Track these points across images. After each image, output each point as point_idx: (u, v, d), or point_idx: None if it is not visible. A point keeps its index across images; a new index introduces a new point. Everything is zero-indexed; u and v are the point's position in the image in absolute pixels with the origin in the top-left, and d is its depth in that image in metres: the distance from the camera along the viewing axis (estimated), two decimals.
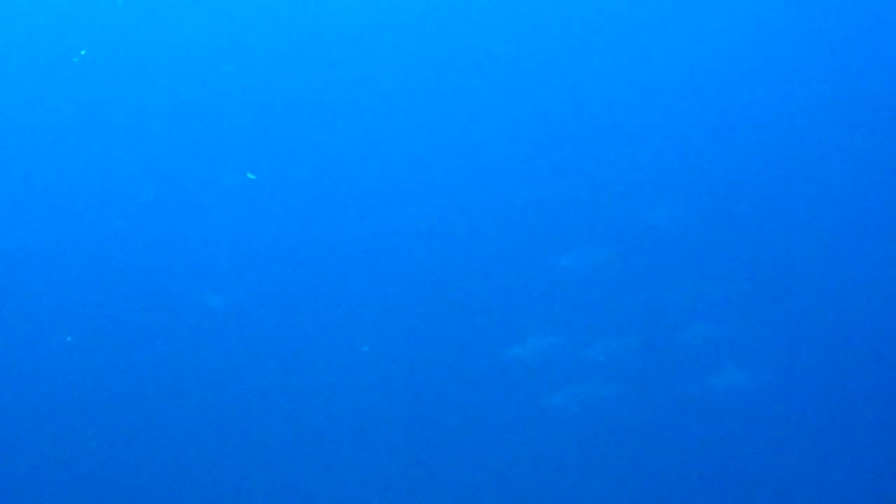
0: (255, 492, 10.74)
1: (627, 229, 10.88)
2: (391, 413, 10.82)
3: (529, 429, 10.56)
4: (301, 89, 11.39)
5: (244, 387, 10.86)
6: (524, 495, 10.59)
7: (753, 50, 11.37)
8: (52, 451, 10.66)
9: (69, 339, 10.85)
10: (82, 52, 11.24)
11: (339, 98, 11.41)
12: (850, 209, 11.03)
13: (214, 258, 11.10)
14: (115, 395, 10.74)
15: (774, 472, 10.52)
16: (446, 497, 10.64)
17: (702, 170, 11.21)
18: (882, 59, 11.38)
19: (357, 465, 10.76)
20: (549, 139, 11.18)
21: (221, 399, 10.82)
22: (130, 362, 10.81)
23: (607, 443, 10.50)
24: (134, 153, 11.25)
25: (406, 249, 11.11)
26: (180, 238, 11.12)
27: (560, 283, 10.62)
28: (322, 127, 11.43)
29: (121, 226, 11.13)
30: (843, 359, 10.65)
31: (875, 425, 10.53)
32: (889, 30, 11.41)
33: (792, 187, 11.16)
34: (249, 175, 11.26)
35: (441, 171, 11.30)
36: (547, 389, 10.41)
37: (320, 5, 11.47)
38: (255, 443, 10.79)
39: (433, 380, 10.81)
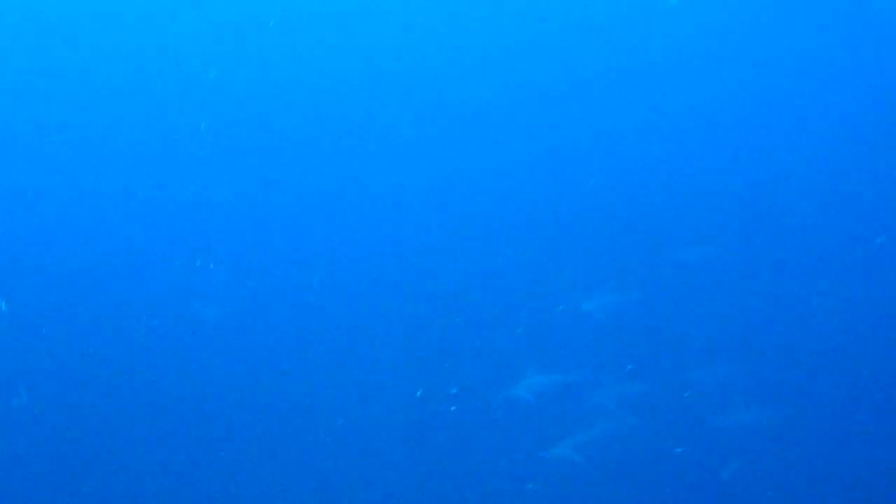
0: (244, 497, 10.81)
1: (651, 269, 11.05)
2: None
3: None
4: (303, 104, 11.47)
5: (238, 397, 10.89)
6: None
7: (782, 93, 11.56)
8: (50, 456, 10.70)
9: (63, 348, 10.83)
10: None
11: (350, 121, 11.49)
12: (866, 255, 11.18)
13: (209, 270, 11.14)
14: (111, 404, 10.76)
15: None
16: None
17: (729, 210, 11.39)
18: None
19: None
20: (579, 181, 11.37)
21: (215, 408, 10.85)
22: (126, 372, 10.83)
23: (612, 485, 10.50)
24: (130, 165, 11.27)
25: (420, 278, 11.18)
26: (175, 250, 11.18)
27: (578, 325, 10.72)
28: (327, 148, 11.51)
29: (117, 237, 11.17)
30: (850, 397, 10.84)
31: (881, 462, 10.66)
32: None
33: (814, 228, 11.30)
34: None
35: (463, 204, 11.42)
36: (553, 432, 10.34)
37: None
38: (246, 451, 10.80)
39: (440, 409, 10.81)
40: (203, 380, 10.87)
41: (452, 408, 10.57)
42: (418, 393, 10.64)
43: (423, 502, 10.53)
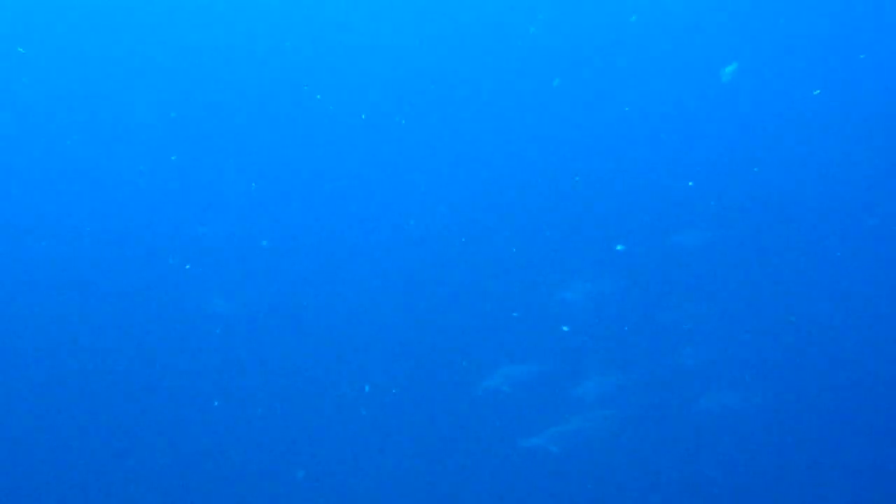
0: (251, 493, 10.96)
1: (630, 257, 11.15)
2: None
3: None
4: (317, 101, 11.59)
5: (248, 390, 11.04)
6: None
7: (775, 79, 11.57)
8: (61, 455, 10.82)
9: (79, 343, 10.96)
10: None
11: (360, 117, 11.60)
12: (855, 240, 11.27)
13: (222, 264, 11.30)
14: (124, 399, 10.89)
15: (768, 491, 10.70)
16: None
17: (708, 197, 11.47)
18: None
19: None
20: (556, 171, 11.45)
21: (227, 402, 10.99)
22: (138, 367, 10.98)
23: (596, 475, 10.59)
24: (143, 160, 11.44)
25: (411, 265, 11.32)
26: (188, 244, 11.32)
27: (557, 315, 10.81)
28: (331, 141, 11.62)
29: (129, 232, 11.33)
30: (832, 378, 10.94)
31: (863, 442, 10.79)
32: None
33: (804, 215, 11.43)
34: None
35: (444, 188, 11.50)
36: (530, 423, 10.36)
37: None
38: (256, 444, 10.99)
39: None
40: (215, 372, 11.07)
41: (430, 398, 10.72)
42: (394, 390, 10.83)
43: (401, 492, 10.67)
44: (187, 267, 11.26)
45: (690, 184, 11.47)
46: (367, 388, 10.88)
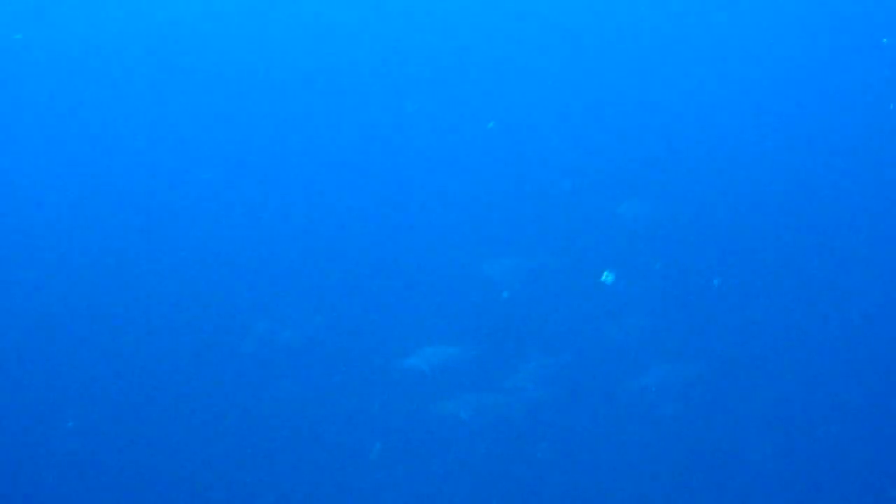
0: None
1: (560, 231, 10.86)
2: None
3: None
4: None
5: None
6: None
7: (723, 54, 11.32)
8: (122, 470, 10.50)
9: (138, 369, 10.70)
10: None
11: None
12: (795, 214, 11.12)
13: (283, 291, 11.03)
14: (186, 428, 10.55)
15: (709, 464, 10.45)
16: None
17: (664, 168, 11.25)
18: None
19: None
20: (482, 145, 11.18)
21: (289, 431, 10.58)
22: (200, 396, 10.65)
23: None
24: (202, 184, 11.38)
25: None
26: (249, 271, 11.11)
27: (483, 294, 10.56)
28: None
29: (190, 259, 11.11)
30: (767, 350, 10.75)
31: (804, 420, 10.60)
32: None
33: (749, 186, 11.22)
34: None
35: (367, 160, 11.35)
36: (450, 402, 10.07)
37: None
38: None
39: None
40: (278, 401, 10.73)
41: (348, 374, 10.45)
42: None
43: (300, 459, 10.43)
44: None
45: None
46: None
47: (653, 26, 11.53)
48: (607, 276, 9.98)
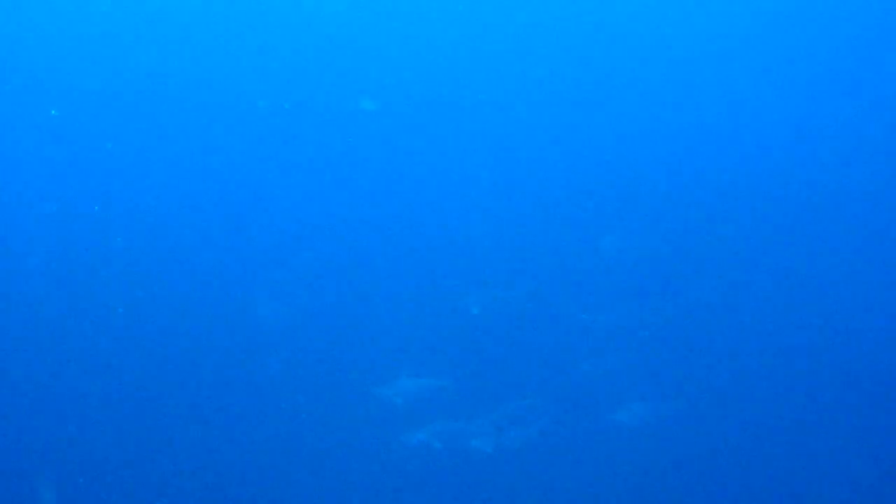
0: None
1: (538, 266, 10.90)
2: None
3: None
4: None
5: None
6: None
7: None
8: (107, 453, 10.61)
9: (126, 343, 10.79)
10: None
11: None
12: (775, 249, 11.11)
13: (271, 268, 11.13)
14: (172, 402, 10.65)
15: (685, 500, 10.47)
16: None
17: (646, 203, 11.27)
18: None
19: None
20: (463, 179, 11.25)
21: (275, 404, 10.71)
22: (187, 370, 10.76)
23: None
24: (197, 167, 11.48)
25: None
26: (239, 249, 11.20)
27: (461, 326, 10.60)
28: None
29: (180, 237, 11.26)
30: (745, 388, 10.77)
31: (779, 452, 10.64)
32: None
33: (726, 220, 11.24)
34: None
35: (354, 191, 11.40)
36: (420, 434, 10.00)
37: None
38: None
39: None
40: (264, 376, 10.86)
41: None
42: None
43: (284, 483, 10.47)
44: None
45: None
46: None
47: (637, 62, 11.54)
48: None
